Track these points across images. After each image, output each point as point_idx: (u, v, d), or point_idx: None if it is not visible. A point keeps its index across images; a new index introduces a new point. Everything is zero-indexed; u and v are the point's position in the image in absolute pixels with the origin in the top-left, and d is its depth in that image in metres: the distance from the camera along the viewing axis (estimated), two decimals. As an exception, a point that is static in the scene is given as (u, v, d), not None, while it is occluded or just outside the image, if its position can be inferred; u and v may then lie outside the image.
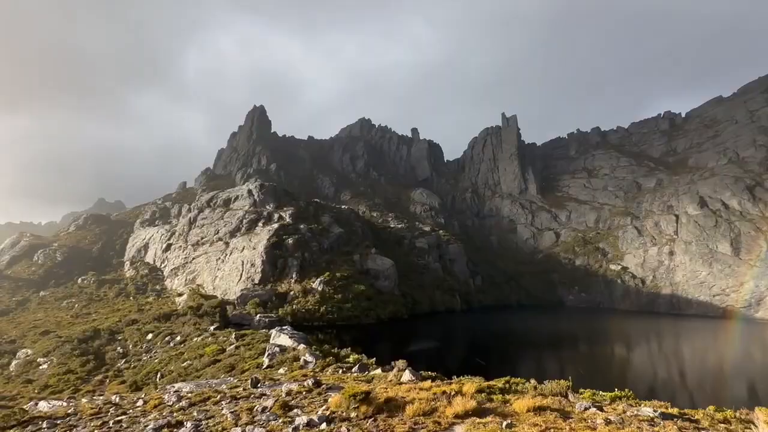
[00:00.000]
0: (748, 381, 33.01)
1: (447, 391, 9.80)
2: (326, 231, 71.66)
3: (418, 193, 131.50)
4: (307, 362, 20.32)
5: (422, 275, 78.54)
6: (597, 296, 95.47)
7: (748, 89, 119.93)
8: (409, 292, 67.34)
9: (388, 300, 59.59)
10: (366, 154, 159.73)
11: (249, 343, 28.95)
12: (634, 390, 21.00)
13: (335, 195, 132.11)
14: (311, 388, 12.39)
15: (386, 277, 64.32)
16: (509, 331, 56.28)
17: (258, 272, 58.46)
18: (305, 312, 49.84)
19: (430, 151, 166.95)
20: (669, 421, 8.39)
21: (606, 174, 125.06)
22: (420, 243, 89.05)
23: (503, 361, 36.58)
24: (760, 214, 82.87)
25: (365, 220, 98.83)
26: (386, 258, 68.22)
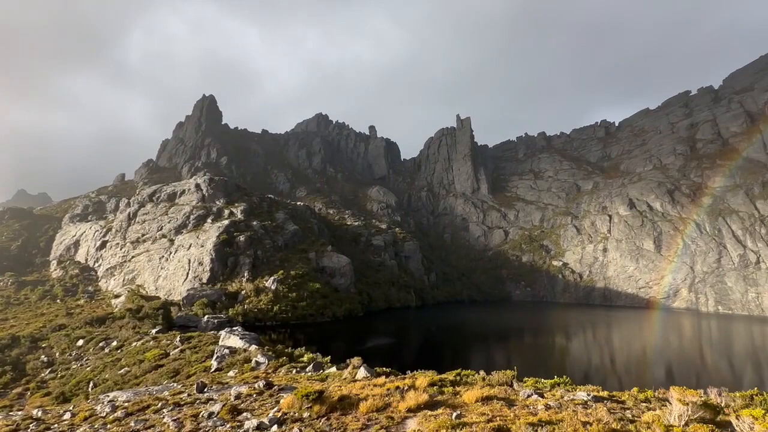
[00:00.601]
0: (665, 363, 37.04)
1: (400, 386, 9.98)
2: (281, 228, 69.71)
3: (375, 190, 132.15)
4: (258, 363, 19.68)
5: (378, 272, 79.13)
6: (541, 290, 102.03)
7: (670, 103, 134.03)
8: (366, 290, 67.54)
9: (344, 298, 59.34)
10: (323, 151, 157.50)
11: (196, 345, 27.43)
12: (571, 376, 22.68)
13: (291, 191, 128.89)
14: (262, 390, 12.02)
15: (342, 274, 63.98)
16: (461, 325, 58.43)
17: (206, 271, 55.51)
18: (258, 312, 48.20)
19: (387, 149, 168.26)
20: (600, 403, 9.20)
21: (550, 176, 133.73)
22: (376, 240, 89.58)
23: (455, 354, 37.87)
24: (678, 215, 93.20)
25: (321, 217, 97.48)
26: (343, 255, 67.83)
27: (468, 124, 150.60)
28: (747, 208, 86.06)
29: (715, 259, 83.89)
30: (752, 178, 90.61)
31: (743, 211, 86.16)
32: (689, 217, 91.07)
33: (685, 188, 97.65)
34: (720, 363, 38.45)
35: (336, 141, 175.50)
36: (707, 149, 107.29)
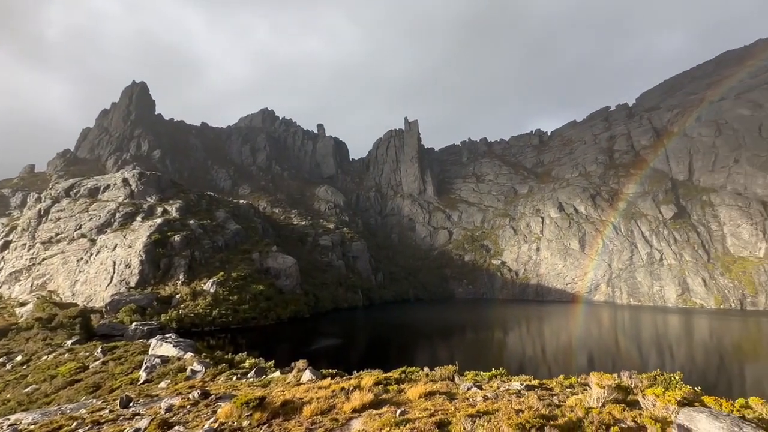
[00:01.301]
0: (587, 351, 40.98)
1: (346, 387, 9.93)
2: (221, 227, 65.97)
3: (323, 190, 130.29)
4: (195, 372, 18.42)
5: (326, 273, 78.10)
6: (481, 288, 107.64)
7: (593, 116, 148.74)
8: (312, 291, 66.29)
9: (289, 299, 57.68)
10: (268, 147, 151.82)
11: (121, 356, 24.95)
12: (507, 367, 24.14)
13: (233, 189, 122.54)
14: (197, 401, 11.26)
15: (288, 275, 62.16)
16: (407, 323, 59.66)
17: (135, 274, 50.77)
18: (194, 317, 45.12)
19: (336, 148, 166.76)
20: (531, 391, 9.93)
21: (491, 180, 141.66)
22: (324, 241, 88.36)
23: (401, 352, 38.55)
24: (599, 218, 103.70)
25: (266, 216, 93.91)
26: (288, 256, 65.92)
27: (416, 126, 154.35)
28: (653, 212, 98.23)
29: (628, 257, 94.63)
30: (657, 186, 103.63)
31: (650, 214, 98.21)
32: (608, 220, 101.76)
33: (604, 194, 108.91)
34: (631, 348, 43.41)
35: (282, 138, 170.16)
36: (623, 159, 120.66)
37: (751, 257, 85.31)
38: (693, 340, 48.83)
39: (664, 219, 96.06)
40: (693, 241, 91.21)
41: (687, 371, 30.63)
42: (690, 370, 33.29)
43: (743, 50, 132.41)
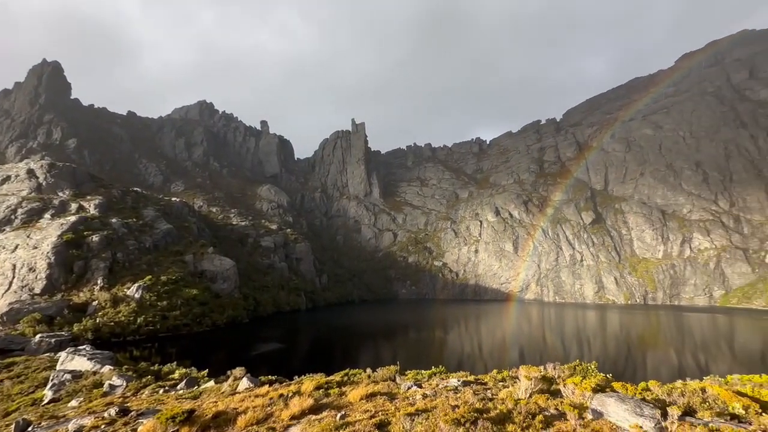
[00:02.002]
0: (519, 346, 44.00)
1: (285, 393, 9.59)
2: (150, 227, 60.47)
3: (265, 189, 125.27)
4: (114, 387, 16.61)
5: (267, 275, 75.10)
6: (424, 288, 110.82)
7: (526, 129, 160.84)
8: (252, 294, 63.30)
9: (226, 304, 54.48)
10: (206, 142, 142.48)
11: (21, 373, 21.71)
12: (447, 365, 24.99)
13: (164, 185, 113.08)
14: (114, 419, 10.15)
15: (225, 278, 58.72)
16: (351, 325, 59.41)
17: (41, 279, 44.57)
18: (115, 325, 40.72)
19: (280, 146, 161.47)
20: (468, 387, 10.41)
21: (434, 184, 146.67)
22: (266, 242, 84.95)
23: (345, 354, 38.27)
24: (530, 222, 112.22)
25: (202, 215, 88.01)
26: (226, 258, 62.30)
27: (363, 129, 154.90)
28: (576, 218, 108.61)
29: (554, 258, 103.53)
30: (579, 194, 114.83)
31: (573, 220, 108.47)
32: (538, 224, 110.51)
33: (535, 200, 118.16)
34: (556, 342, 47.43)
35: (222, 133, 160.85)
36: (551, 169, 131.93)
37: (652, 258, 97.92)
38: (606, 333, 54.68)
39: (584, 224, 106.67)
40: (607, 244, 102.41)
41: (601, 360, 34.21)
42: (603, 359, 37.20)
43: (648, 78, 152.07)
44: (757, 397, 8.59)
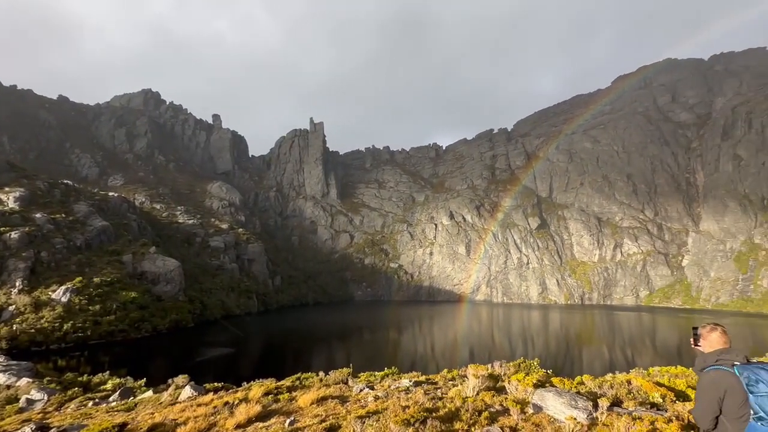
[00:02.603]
0: (469, 345, 45.63)
1: (230, 401, 9.14)
2: (81, 223, 55.17)
3: (216, 186, 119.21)
4: (32, 402, 14.89)
5: (216, 277, 71.43)
6: (379, 290, 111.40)
7: (480, 137, 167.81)
8: (199, 297, 59.87)
9: (169, 307, 51.03)
10: (150, 134, 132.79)
11: None
12: (400, 365, 25.23)
13: (100, 178, 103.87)
14: (33, 437, 9.07)
15: (169, 280, 55.01)
16: (305, 328, 58.20)
17: (-57, 281, 38.92)
18: (36, 332, 36.56)
19: (234, 142, 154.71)
20: (419, 387, 10.59)
21: (392, 187, 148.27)
22: (215, 242, 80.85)
23: (298, 358, 37.39)
24: (482, 226, 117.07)
25: (144, 212, 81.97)
26: (171, 258, 58.41)
27: (321, 128, 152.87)
28: (523, 223, 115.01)
29: (503, 261, 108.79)
30: (527, 201, 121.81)
31: (521, 225, 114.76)
32: (489, 228, 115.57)
33: (487, 205, 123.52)
34: (503, 341, 49.79)
35: (169, 125, 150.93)
36: (502, 176, 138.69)
37: (589, 262, 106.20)
38: (548, 331, 58.32)
39: (531, 229, 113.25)
40: (551, 248, 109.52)
41: (543, 357, 36.44)
42: (545, 356, 39.62)
43: (588, 96, 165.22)
44: (672, 387, 9.61)
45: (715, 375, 3.57)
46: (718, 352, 3.74)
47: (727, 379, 3.49)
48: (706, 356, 3.80)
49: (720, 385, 3.50)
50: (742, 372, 3.47)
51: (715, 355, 3.72)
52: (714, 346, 3.83)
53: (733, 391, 3.44)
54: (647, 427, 5.73)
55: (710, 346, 3.85)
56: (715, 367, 3.62)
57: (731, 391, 3.45)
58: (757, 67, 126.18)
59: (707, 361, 3.73)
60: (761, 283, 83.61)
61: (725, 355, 3.66)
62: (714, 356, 3.71)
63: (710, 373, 3.62)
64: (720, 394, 3.49)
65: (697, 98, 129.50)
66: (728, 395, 3.45)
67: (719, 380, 3.52)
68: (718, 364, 3.61)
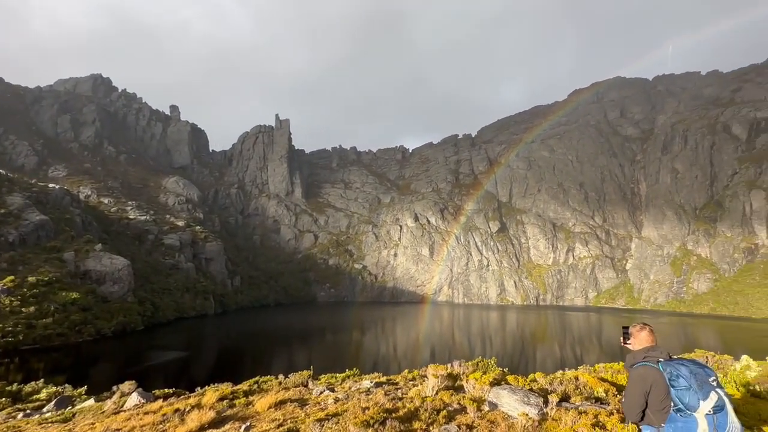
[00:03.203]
0: (431, 345, 46.44)
1: (181, 407, 8.68)
2: (15, 216, 50.31)
3: (172, 181, 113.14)
4: (-53, 415, 13.28)
5: (170, 277, 67.70)
6: (343, 291, 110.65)
7: (445, 141, 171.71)
8: (149, 298, 56.43)
9: (116, 309, 47.68)
10: (99, 122, 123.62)
11: None
12: (363, 366, 25.17)
13: (39, 168, 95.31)
14: (-51, 455, 8.12)
15: (116, 280, 51.43)
16: (265, 330, 56.59)
17: None
18: (-44, 338, 32.82)
19: (193, 135, 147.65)
20: (380, 387, 10.63)
21: (358, 188, 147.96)
22: (170, 240, 76.67)
23: (257, 361, 36.29)
24: (445, 229, 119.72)
25: (90, 206, 76.18)
26: (119, 257, 54.65)
27: (287, 125, 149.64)
28: (484, 226, 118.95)
29: (465, 263, 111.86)
30: (488, 205, 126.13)
31: (482, 228, 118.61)
32: (452, 231, 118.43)
33: (451, 208, 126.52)
34: (463, 340, 51.15)
35: (121, 114, 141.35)
36: (465, 181, 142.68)
37: (544, 264, 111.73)
38: (505, 331, 60.64)
39: (491, 232, 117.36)
40: (509, 251, 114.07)
41: (500, 356, 37.87)
42: (502, 354, 41.16)
43: (547, 107, 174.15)
44: (615, 382, 10.33)
45: (643, 371, 3.88)
46: (646, 349, 4.07)
47: (653, 375, 3.81)
48: (635, 353, 4.12)
49: (647, 380, 3.81)
50: (666, 368, 3.80)
51: (643, 352, 4.05)
52: (642, 343, 4.16)
53: (658, 385, 3.76)
54: (591, 420, 6.12)
55: (639, 344, 4.18)
56: (643, 364, 3.94)
57: (656, 386, 3.77)
58: (692, 89, 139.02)
59: (636, 357, 4.05)
60: (692, 286, 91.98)
61: (652, 353, 3.99)
62: (642, 353, 4.04)
63: (639, 369, 3.93)
64: (647, 389, 3.80)
65: (642, 114, 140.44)
66: (653, 389, 3.77)
67: (646, 375, 3.83)
68: (646, 361, 3.94)
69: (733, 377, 10.83)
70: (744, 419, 6.73)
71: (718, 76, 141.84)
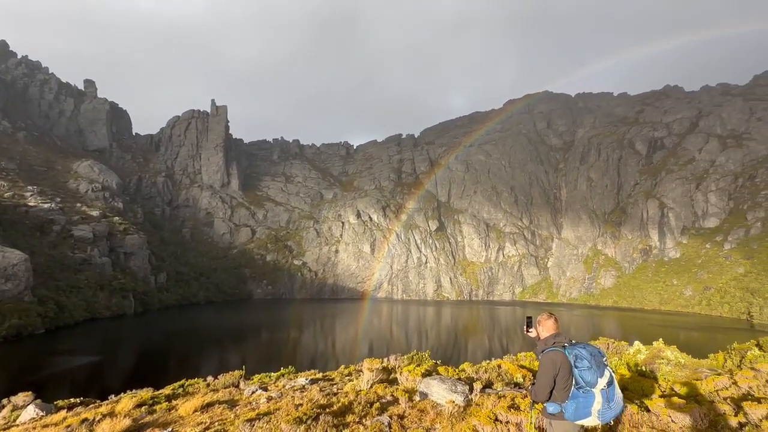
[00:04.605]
0: (369, 341, 47.02)
1: (90, 417, 7.83)
2: None
3: (86, 165, 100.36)
4: None
5: (80, 273, 60.18)
6: (281, 288, 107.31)
7: (389, 140, 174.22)
8: (53, 297, 49.69)
9: (9, 310, 41.26)
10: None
11: None
12: (300, 364, 24.75)
13: None
14: None
15: (10, 277, 44.52)
16: (194, 330, 52.93)
17: None
18: None
19: (112, 115, 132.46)
20: (315, 384, 10.57)
21: (300, 182, 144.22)
22: (80, 231, 68.14)
23: (184, 363, 33.88)
24: (387, 226, 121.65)
25: (-24, 191, 64.81)
26: (14, 250, 47.34)
27: (225, 112, 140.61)
28: (424, 225, 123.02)
29: (404, 260, 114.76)
30: (428, 205, 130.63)
31: (422, 226, 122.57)
32: (393, 228, 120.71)
33: (392, 206, 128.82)
34: (401, 335, 52.56)
35: (22, 85, 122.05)
36: (407, 180, 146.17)
37: (477, 262, 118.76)
38: (440, 325, 63.50)
39: (430, 231, 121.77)
40: (447, 249, 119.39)
41: (435, 349, 39.60)
42: (437, 347, 43.07)
43: (485, 114, 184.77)
44: (532, 368, 11.39)
45: (553, 355, 4.39)
46: (554, 336, 4.62)
47: (561, 358, 4.34)
48: (546, 340, 4.65)
49: (556, 363, 4.34)
50: (571, 351, 4.36)
51: (552, 338, 4.59)
52: (550, 331, 4.71)
53: (564, 367, 4.31)
54: (508, 403, 6.72)
55: (547, 331, 4.72)
56: (552, 349, 4.46)
57: (563, 368, 4.31)
58: (606, 108, 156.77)
59: (547, 343, 4.57)
60: (600, 282, 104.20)
61: (558, 339, 4.55)
62: (551, 339, 4.58)
63: (549, 354, 4.44)
64: (556, 371, 4.32)
65: (565, 127, 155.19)
66: (561, 371, 4.31)
67: (556, 359, 4.35)
68: (554, 346, 4.47)
69: (626, 360, 12.56)
70: (630, 394, 7.88)
71: (627, 98, 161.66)
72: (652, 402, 6.76)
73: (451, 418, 6.61)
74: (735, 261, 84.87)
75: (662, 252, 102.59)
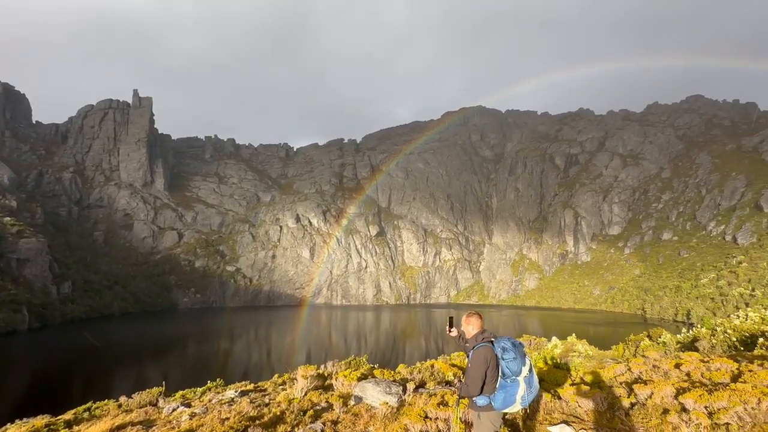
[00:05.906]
0: (307, 348, 45.79)
1: (-37, 453, 6.58)
2: None
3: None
4: None
5: (-46, 284, 50.43)
6: (211, 296, 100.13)
7: (331, 144, 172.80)
8: None
9: None
10: None
11: None
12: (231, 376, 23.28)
13: None
14: None
15: None
16: (106, 345, 47.08)
17: None
18: None
19: (5, 99, 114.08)
20: (245, 396, 10.01)
21: (234, 183, 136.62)
22: (-42, 234, 57.32)
23: (91, 384, 30.02)
24: (327, 231, 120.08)
25: None
26: None
27: (149, 104, 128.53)
28: (365, 230, 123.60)
29: (344, 265, 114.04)
30: (369, 210, 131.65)
31: (362, 231, 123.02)
32: (333, 233, 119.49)
33: (333, 211, 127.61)
34: (339, 341, 51.98)
35: None
36: (349, 184, 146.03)
37: (415, 266, 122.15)
38: (379, 329, 64.04)
39: (370, 236, 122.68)
40: (386, 254, 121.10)
41: (373, 353, 39.78)
42: (375, 351, 43.32)
43: (424, 123, 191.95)
44: (463, 367, 11.99)
45: (483, 350, 4.69)
46: (481, 332, 4.94)
47: (490, 352, 4.66)
48: (475, 336, 4.94)
49: (487, 357, 4.64)
50: (497, 345, 4.70)
51: (480, 335, 4.90)
52: (477, 328, 5.03)
53: (493, 360, 4.64)
54: (438, 400, 7.00)
55: (475, 329, 5.03)
56: (482, 345, 4.76)
57: (492, 361, 4.63)
58: (531, 125, 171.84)
59: (477, 340, 4.87)
60: (525, 284, 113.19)
61: (485, 334, 4.87)
62: (480, 336, 4.89)
63: (480, 349, 4.73)
64: (487, 365, 4.62)
65: (496, 140, 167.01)
66: (491, 364, 4.61)
67: (487, 354, 4.66)
68: (483, 342, 4.77)
69: (545, 354, 13.78)
70: (546, 384, 8.67)
71: (548, 117, 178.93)
72: (563, 390, 7.51)
73: (384, 420, 6.70)
74: (633, 264, 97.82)
75: (576, 256, 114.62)
